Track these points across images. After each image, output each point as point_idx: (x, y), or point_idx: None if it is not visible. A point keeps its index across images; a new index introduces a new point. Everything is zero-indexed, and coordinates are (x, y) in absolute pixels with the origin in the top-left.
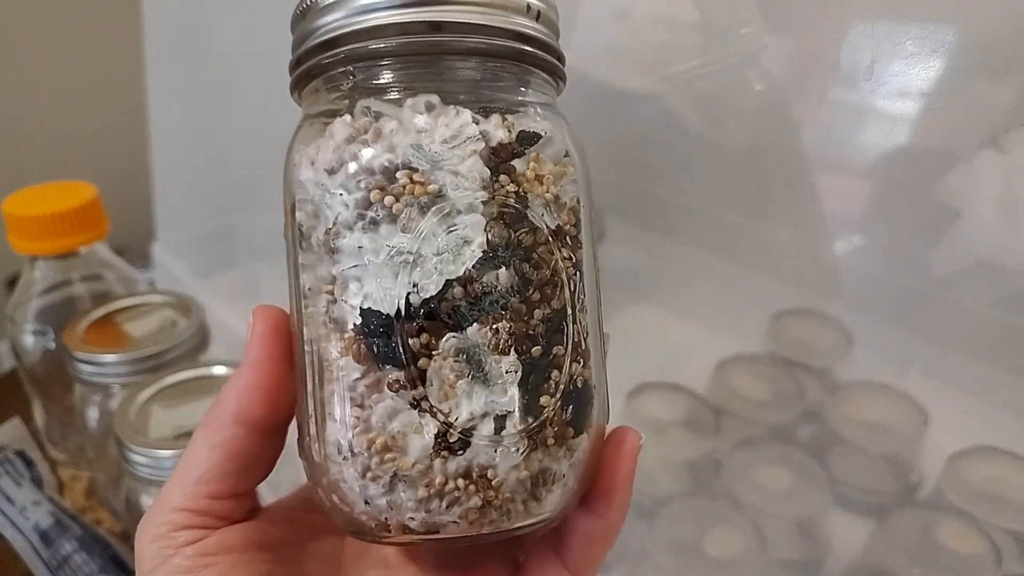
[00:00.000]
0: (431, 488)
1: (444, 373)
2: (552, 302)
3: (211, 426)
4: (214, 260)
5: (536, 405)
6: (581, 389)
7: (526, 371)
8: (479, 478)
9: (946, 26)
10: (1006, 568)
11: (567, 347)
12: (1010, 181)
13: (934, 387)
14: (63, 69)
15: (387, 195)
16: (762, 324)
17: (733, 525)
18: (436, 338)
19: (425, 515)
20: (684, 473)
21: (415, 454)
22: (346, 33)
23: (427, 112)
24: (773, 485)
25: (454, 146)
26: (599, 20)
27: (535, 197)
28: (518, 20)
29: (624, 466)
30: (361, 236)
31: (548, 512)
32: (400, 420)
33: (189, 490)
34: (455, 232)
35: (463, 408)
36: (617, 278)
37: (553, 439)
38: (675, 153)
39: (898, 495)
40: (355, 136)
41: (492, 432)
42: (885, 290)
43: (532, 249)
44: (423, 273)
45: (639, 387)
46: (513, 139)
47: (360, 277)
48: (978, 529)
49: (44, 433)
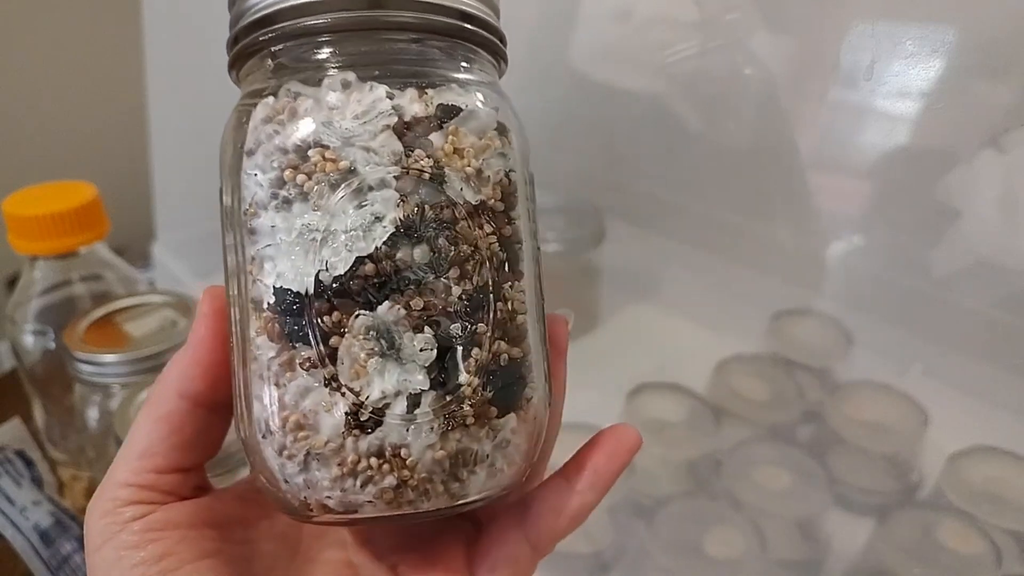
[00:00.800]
0: (344, 467)
1: (354, 351)
2: (472, 279)
3: (153, 401)
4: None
5: (454, 384)
6: (507, 368)
7: (443, 349)
8: (392, 457)
9: (946, 26)
10: (1006, 568)
11: (490, 324)
12: (1010, 181)
13: (934, 387)
14: (63, 69)
15: (299, 173)
16: (762, 324)
17: (733, 525)
18: (346, 316)
19: (340, 494)
20: (684, 473)
21: (327, 432)
22: (274, 11)
23: (342, 89)
24: (773, 485)
25: (365, 122)
26: (599, 20)
27: (453, 171)
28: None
29: (621, 454)
30: (275, 215)
31: (474, 494)
32: (312, 398)
33: (133, 464)
34: (366, 208)
35: (374, 386)
36: (617, 278)
37: (473, 418)
38: (675, 153)
39: (898, 495)
40: (272, 116)
41: (405, 411)
42: (885, 290)
43: (450, 225)
44: (333, 251)
45: (639, 387)
46: (431, 112)
47: (274, 256)
48: (978, 529)
49: (44, 433)
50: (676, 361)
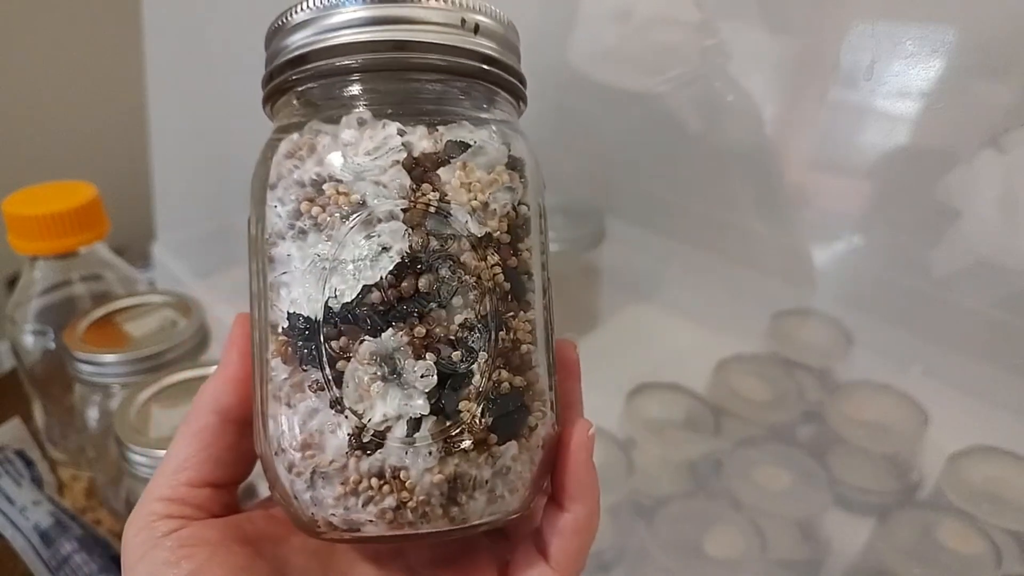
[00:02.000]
0: (347, 486)
1: (359, 375)
2: (475, 308)
3: (190, 419)
4: (214, 260)
5: (454, 410)
6: (508, 396)
7: (443, 376)
8: (392, 479)
9: (946, 26)
10: (1006, 568)
11: (491, 353)
12: (1010, 181)
13: (934, 387)
14: (63, 69)
15: (315, 206)
16: (762, 324)
17: (733, 525)
18: (353, 341)
19: (344, 512)
20: (684, 473)
21: (331, 452)
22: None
23: (358, 127)
24: (773, 485)
25: (376, 157)
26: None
27: (458, 205)
28: (473, 39)
29: (576, 459)
30: (291, 245)
31: (474, 519)
32: (319, 419)
33: (168, 479)
34: (374, 239)
35: (377, 409)
36: (617, 278)
37: (472, 445)
38: (675, 153)
39: (898, 495)
40: (294, 152)
41: (405, 434)
42: (885, 290)
43: (454, 256)
44: (342, 279)
45: (639, 387)
46: (440, 148)
47: (288, 283)
48: (978, 529)
49: (44, 433)
50: (676, 361)
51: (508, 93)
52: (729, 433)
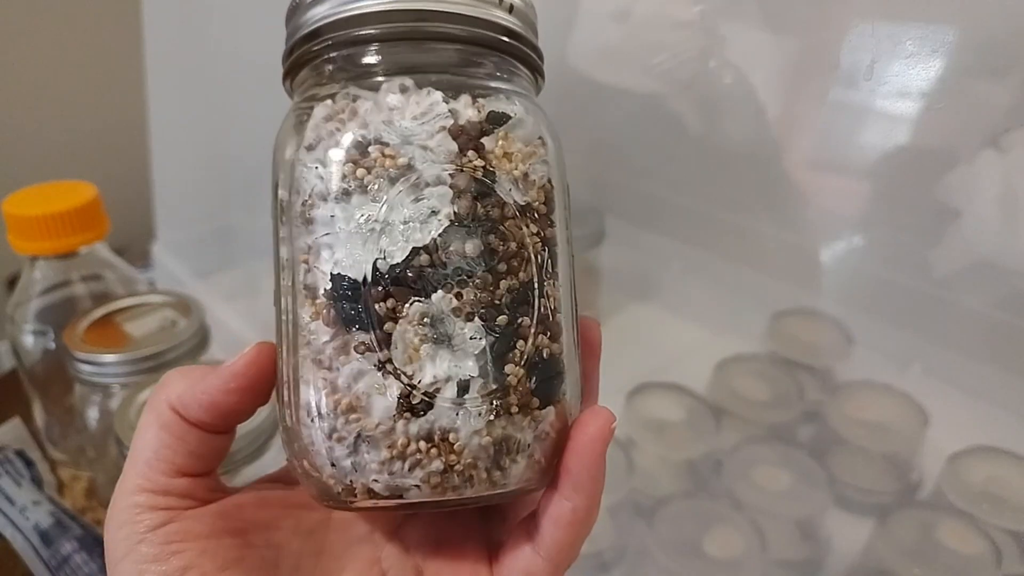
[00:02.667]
0: (393, 449)
1: (408, 337)
2: (519, 274)
3: (153, 410)
4: (214, 260)
5: (500, 373)
6: (548, 361)
7: (491, 339)
8: (441, 441)
9: (946, 26)
10: (1006, 568)
11: (533, 319)
12: (1010, 181)
13: (934, 387)
14: (63, 69)
15: (359, 168)
16: (762, 324)
17: (733, 525)
18: (402, 303)
19: (388, 477)
20: (684, 473)
21: (378, 415)
22: (331, 22)
23: (400, 93)
24: (773, 485)
25: (424, 122)
26: (599, 20)
27: (503, 173)
28: (496, 13)
29: (592, 448)
30: (334, 206)
31: (513, 484)
32: (365, 381)
33: (142, 470)
34: (423, 202)
35: (427, 371)
36: (617, 278)
37: (517, 407)
38: (675, 153)
39: (898, 495)
40: (333, 115)
41: (455, 395)
42: (885, 290)
43: (499, 222)
44: (390, 240)
45: (639, 387)
46: (483, 118)
47: (332, 244)
48: (978, 529)
49: (44, 433)
50: (676, 361)
51: (527, 68)
52: (729, 433)
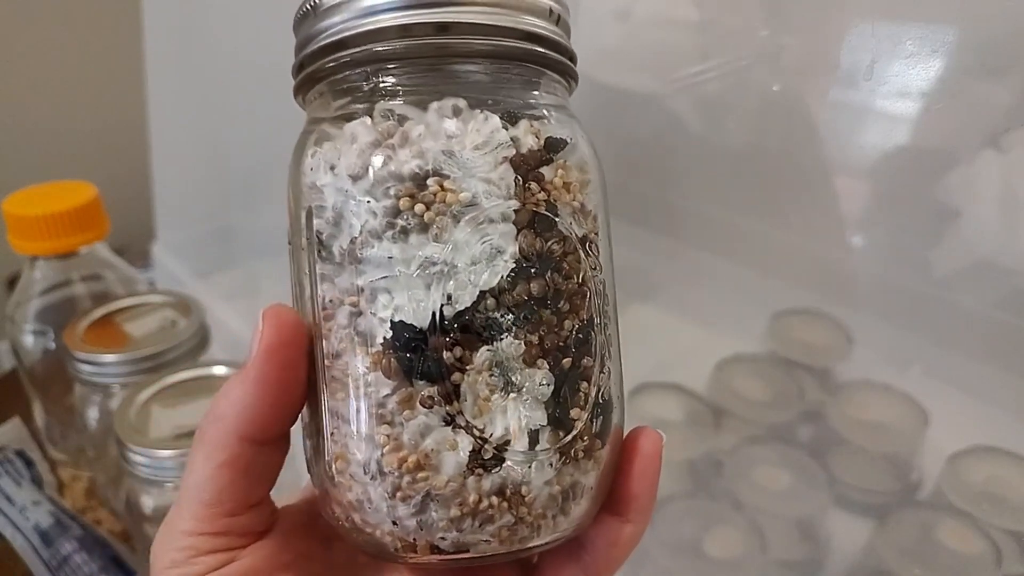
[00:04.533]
0: (464, 507)
1: (479, 388)
2: (581, 313)
3: (212, 443)
4: (214, 260)
5: (568, 419)
6: (607, 401)
7: (558, 384)
8: (513, 495)
9: (946, 26)
10: (1006, 568)
11: (595, 358)
12: (1010, 181)
13: (934, 387)
14: (63, 69)
15: (417, 203)
16: (762, 324)
17: (733, 525)
18: (470, 351)
19: (457, 534)
20: (684, 473)
21: (449, 472)
22: (356, 35)
23: (455, 116)
24: (773, 485)
25: (485, 152)
26: (599, 20)
27: (564, 205)
28: (530, 20)
29: (653, 472)
30: (391, 246)
31: (574, 525)
32: (433, 437)
33: (198, 511)
34: (488, 242)
35: (497, 423)
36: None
37: (583, 452)
38: (675, 153)
39: (898, 495)
40: (380, 140)
41: (526, 447)
42: (885, 290)
43: (562, 258)
44: (457, 284)
45: (639, 387)
46: (541, 146)
47: (390, 289)
48: (978, 529)
49: (44, 433)
50: (676, 361)
51: (559, 74)
52: (729, 433)
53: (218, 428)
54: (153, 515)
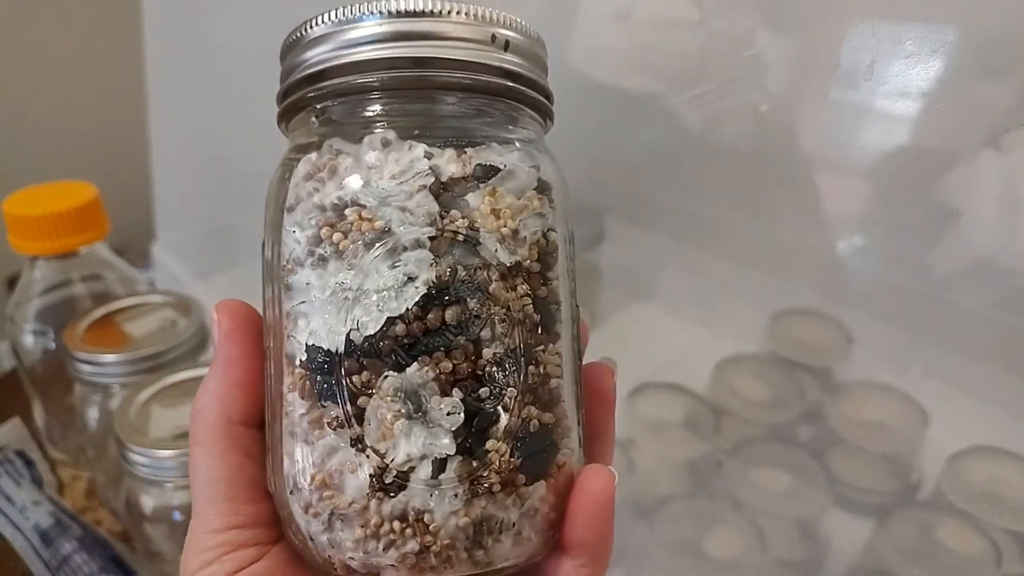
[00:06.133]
0: (367, 529)
1: (382, 413)
2: (504, 341)
3: (206, 436)
4: (214, 260)
5: (480, 449)
6: (537, 434)
7: (470, 413)
8: (416, 522)
9: (946, 26)
10: (1006, 568)
11: (520, 389)
12: (1010, 181)
13: (934, 387)
14: (63, 69)
15: (336, 232)
16: (762, 324)
17: (733, 525)
18: (375, 376)
19: (363, 556)
20: (684, 473)
21: (351, 493)
22: (312, 73)
23: (382, 148)
24: (773, 485)
25: (402, 181)
26: (599, 20)
27: (488, 232)
28: (501, 56)
29: (598, 514)
30: (310, 272)
31: (500, 562)
32: (338, 458)
33: (222, 507)
34: (399, 268)
35: (400, 449)
36: (617, 278)
37: (500, 485)
38: (675, 153)
39: (898, 495)
40: (313, 173)
41: (430, 475)
42: (885, 290)
43: (484, 286)
44: (364, 310)
45: (639, 387)
46: (469, 172)
47: (308, 313)
48: (978, 529)
49: (44, 433)
50: (676, 361)
51: (535, 111)
52: (729, 433)
53: (206, 419)
54: (153, 515)
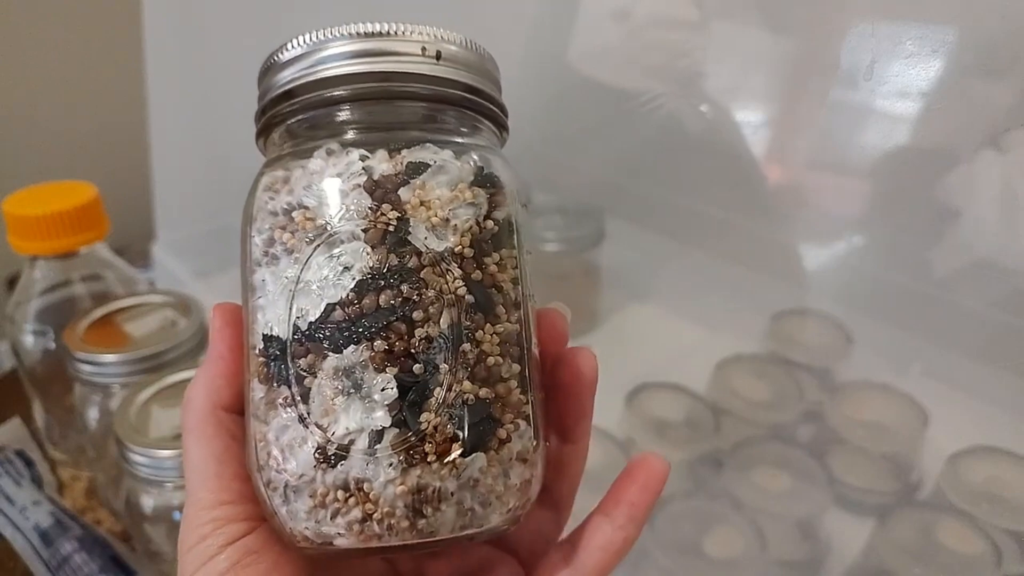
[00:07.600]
0: (315, 499)
1: (324, 391)
2: (437, 321)
3: (195, 423)
4: (214, 260)
5: (415, 421)
6: (473, 407)
7: (404, 388)
8: (357, 490)
9: (946, 26)
10: (1006, 568)
11: (453, 365)
12: (1010, 181)
13: (934, 387)
14: (63, 69)
15: (285, 232)
16: (762, 324)
17: (733, 525)
18: (319, 358)
19: (315, 524)
20: (684, 473)
21: (300, 466)
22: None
23: (326, 156)
24: (773, 485)
25: (341, 182)
26: (599, 20)
27: (419, 221)
28: (422, 65)
29: (653, 486)
30: (265, 271)
31: (446, 532)
32: (288, 434)
33: (213, 484)
34: (336, 259)
35: (340, 423)
36: (617, 278)
37: (435, 456)
38: (675, 153)
39: (898, 495)
40: (271, 185)
41: (367, 446)
42: (885, 290)
43: (415, 271)
44: (307, 299)
45: (639, 387)
46: (400, 170)
47: (264, 307)
48: (978, 529)
49: (44, 433)
50: (676, 361)
51: (487, 119)
52: (729, 433)
53: (194, 407)
54: (153, 515)
